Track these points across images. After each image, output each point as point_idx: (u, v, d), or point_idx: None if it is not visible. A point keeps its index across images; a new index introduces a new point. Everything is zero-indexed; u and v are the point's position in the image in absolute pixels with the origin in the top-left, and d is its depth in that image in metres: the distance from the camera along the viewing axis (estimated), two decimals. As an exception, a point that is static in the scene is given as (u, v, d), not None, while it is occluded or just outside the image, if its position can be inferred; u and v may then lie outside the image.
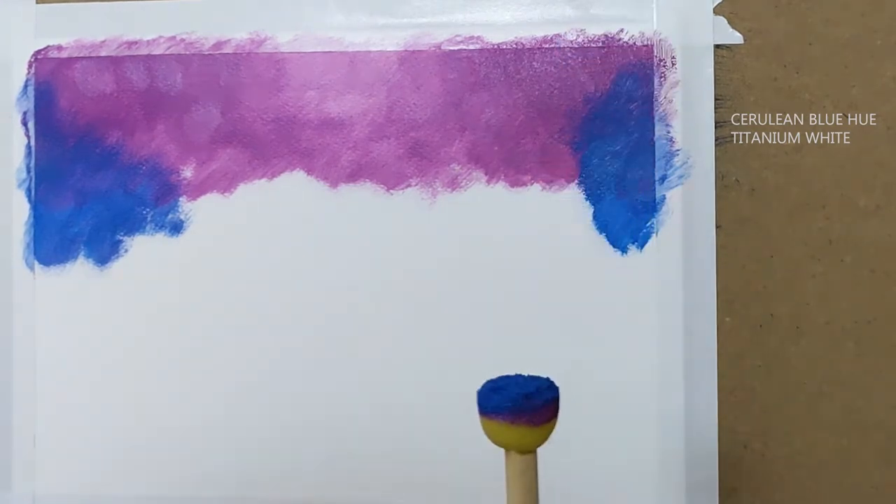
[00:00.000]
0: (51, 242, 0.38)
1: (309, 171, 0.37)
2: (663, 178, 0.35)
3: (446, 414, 0.36)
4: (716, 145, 0.35)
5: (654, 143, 0.35)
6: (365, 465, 0.37)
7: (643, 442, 0.35)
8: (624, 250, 0.35)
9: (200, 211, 0.38)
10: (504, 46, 0.36)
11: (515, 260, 0.36)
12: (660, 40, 0.35)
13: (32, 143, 0.38)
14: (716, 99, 0.35)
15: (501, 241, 0.36)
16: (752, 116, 0.35)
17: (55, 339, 0.38)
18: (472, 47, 0.36)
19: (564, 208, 0.36)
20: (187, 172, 0.38)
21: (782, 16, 0.35)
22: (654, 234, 0.35)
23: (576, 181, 0.36)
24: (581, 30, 0.36)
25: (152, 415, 0.38)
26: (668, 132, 0.35)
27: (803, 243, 0.35)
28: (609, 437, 0.35)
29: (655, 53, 0.35)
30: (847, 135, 0.35)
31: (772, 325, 0.35)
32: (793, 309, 0.35)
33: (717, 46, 0.35)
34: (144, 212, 0.38)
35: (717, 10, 0.35)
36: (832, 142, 0.35)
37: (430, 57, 0.36)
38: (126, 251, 0.38)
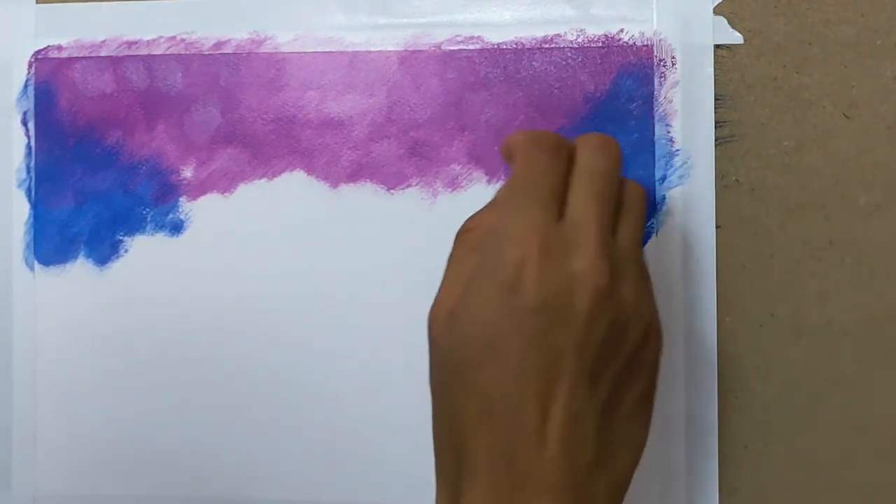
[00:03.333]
0: (51, 242, 0.38)
1: (309, 171, 0.37)
2: (663, 178, 0.35)
3: (446, 414, 0.36)
4: (716, 145, 0.35)
5: (654, 143, 0.35)
6: (365, 465, 0.37)
7: (643, 442, 0.35)
8: (624, 250, 0.35)
9: (200, 211, 0.38)
10: (504, 46, 0.36)
11: (515, 260, 0.36)
12: (660, 40, 0.35)
13: (32, 143, 0.39)
14: (716, 99, 0.35)
15: (501, 241, 0.36)
16: (752, 116, 0.35)
17: (55, 339, 0.38)
18: (472, 47, 0.36)
19: (564, 208, 0.36)
20: (187, 172, 0.38)
21: (782, 16, 0.35)
22: (653, 234, 0.35)
23: (576, 181, 0.36)
24: (581, 30, 0.36)
25: (152, 415, 0.38)
26: (668, 132, 0.35)
27: (803, 243, 0.35)
28: (609, 437, 0.35)
29: (655, 53, 0.35)
30: (847, 135, 0.35)
31: (772, 325, 0.35)
32: (793, 309, 0.35)
33: (717, 46, 0.35)
34: (144, 212, 0.38)
35: (717, 10, 0.35)
36: (832, 142, 0.35)
37: (430, 57, 0.36)
38: (126, 251, 0.38)
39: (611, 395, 0.27)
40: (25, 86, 0.39)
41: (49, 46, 0.38)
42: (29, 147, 0.39)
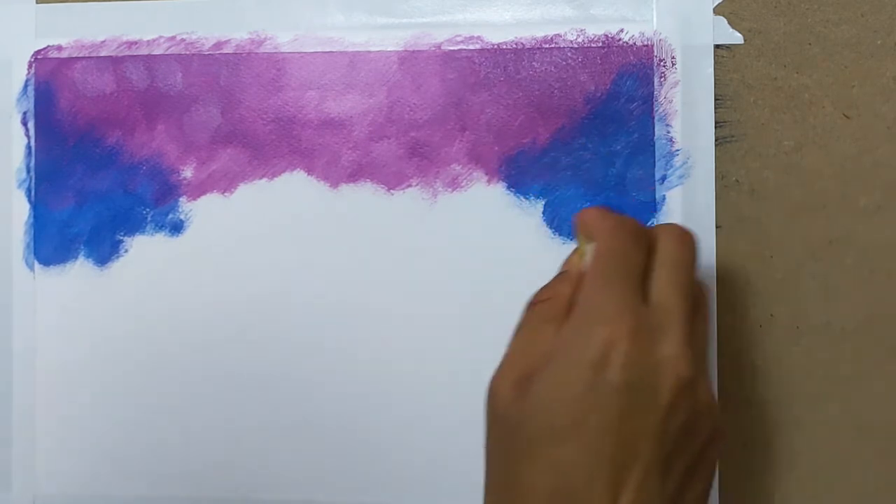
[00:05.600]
0: (51, 242, 0.38)
1: (309, 171, 0.37)
2: (663, 178, 0.35)
3: (447, 413, 0.36)
4: (716, 145, 0.35)
5: (654, 143, 0.35)
6: (365, 465, 0.37)
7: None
8: (624, 250, 0.35)
9: (200, 211, 0.38)
10: (504, 46, 0.36)
11: (516, 260, 0.36)
12: (660, 40, 0.35)
13: (32, 143, 0.39)
14: (716, 99, 0.35)
15: (502, 240, 0.36)
16: (752, 116, 0.35)
17: (55, 339, 0.38)
18: (472, 47, 0.36)
19: (564, 208, 0.36)
20: (187, 172, 0.38)
21: (782, 16, 0.35)
22: (654, 234, 0.35)
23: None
24: (581, 30, 0.36)
25: (152, 415, 0.38)
26: (668, 132, 0.35)
27: (803, 243, 0.35)
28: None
29: (655, 53, 0.35)
30: (847, 135, 0.35)
31: (772, 325, 0.35)
32: (793, 309, 0.35)
33: (717, 46, 0.35)
34: (144, 212, 0.38)
35: (717, 10, 0.35)
36: (832, 142, 0.35)
37: (430, 57, 0.36)
38: (126, 251, 0.38)
39: (677, 490, 0.27)
40: (25, 86, 0.39)
41: (49, 46, 0.38)
42: (29, 147, 0.39)
